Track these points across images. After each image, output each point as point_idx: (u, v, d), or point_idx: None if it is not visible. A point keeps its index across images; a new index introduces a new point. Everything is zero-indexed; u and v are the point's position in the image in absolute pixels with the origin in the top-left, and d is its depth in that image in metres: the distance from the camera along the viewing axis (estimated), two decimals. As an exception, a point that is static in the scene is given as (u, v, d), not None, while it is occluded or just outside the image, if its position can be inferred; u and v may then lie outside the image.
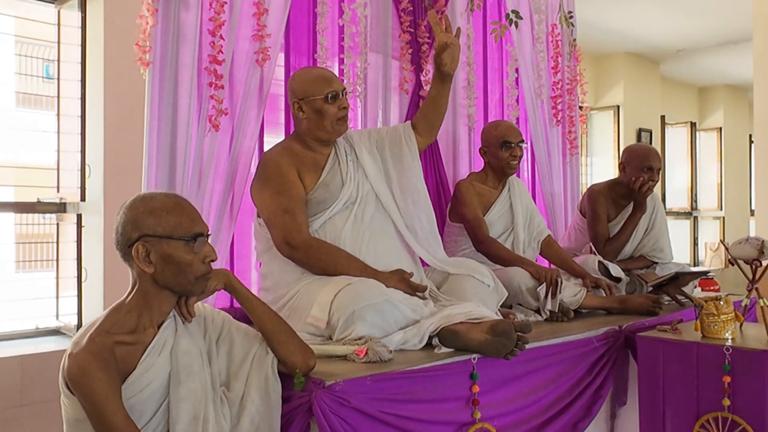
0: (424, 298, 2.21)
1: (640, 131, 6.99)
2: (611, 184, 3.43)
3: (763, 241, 2.31)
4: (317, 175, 2.32)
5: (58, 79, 3.10)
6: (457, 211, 3.01)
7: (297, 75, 2.41)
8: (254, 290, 2.53)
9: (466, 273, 2.39)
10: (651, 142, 7.09)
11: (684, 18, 5.89)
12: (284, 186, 2.24)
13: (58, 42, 3.09)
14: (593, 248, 3.30)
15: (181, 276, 1.57)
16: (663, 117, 7.56)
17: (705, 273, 3.12)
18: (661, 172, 3.30)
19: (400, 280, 2.20)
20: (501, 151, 3.00)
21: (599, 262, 3.05)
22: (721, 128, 8.60)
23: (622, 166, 3.33)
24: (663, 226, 3.42)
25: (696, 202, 8.34)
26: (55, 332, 3.05)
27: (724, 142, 8.60)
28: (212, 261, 1.63)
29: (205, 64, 2.39)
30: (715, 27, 6.15)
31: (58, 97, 3.09)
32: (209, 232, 1.66)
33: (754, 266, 2.33)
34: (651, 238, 3.39)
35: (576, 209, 3.60)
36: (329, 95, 2.30)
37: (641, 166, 3.24)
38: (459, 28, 2.52)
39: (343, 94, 2.34)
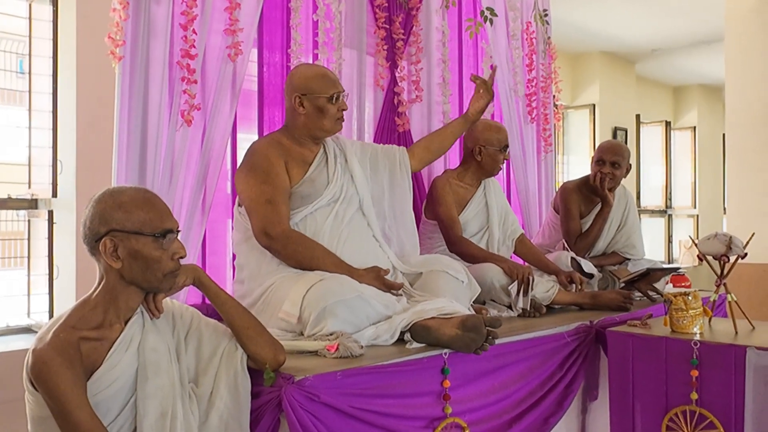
0: (398, 296, 2.22)
1: (615, 130, 7.06)
2: (583, 181, 3.47)
3: (730, 237, 2.34)
4: (304, 170, 2.33)
5: (30, 73, 3.05)
6: (432, 208, 3.02)
7: (299, 70, 2.41)
8: (228, 286, 2.52)
9: (440, 269, 2.40)
10: (626, 141, 7.16)
11: (659, 18, 5.95)
12: (270, 176, 2.24)
13: (30, 36, 3.05)
14: (566, 245, 3.33)
15: (149, 272, 1.55)
16: (638, 116, 7.64)
17: (676, 269, 3.17)
18: (625, 167, 3.35)
19: (375, 277, 2.20)
20: (500, 154, 3.05)
21: (572, 258, 3.08)
22: (695, 127, 8.71)
23: (591, 162, 3.41)
24: (635, 223, 3.47)
25: (670, 200, 8.44)
26: (27, 330, 3.01)
27: (698, 141, 8.71)
28: (181, 258, 1.61)
29: (177, 58, 2.38)
30: (689, 27, 6.23)
31: (30, 92, 3.04)
32: (179, 228, 1.64)
33: (722, 262, 2.37)
34: (623, 235, 3.44)
35: (550, 206, 3.63)
36: (334, 96, 2.33)
37: (596, 159, 3.35)
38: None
39: (343, 96, 2.38)
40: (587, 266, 3.10)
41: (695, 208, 8.72)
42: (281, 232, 2.18)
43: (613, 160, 3.31)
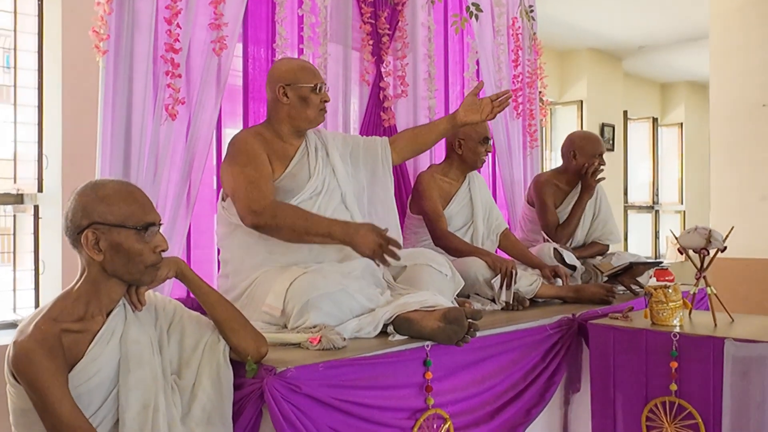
0: (396, 258, 2.15)
1: (603, 126, 7.09)
2: (555, 173, 3.56)
3: (710, 230, 2.36)
4: (285, 165, 2.33)
5: (15, 68, 3.04)
6: (418, 203, 3.04)
7: (283, 62, 2.43)
8: (214, 281, 2.53)
9: (424, 263, 2.42)
10: (614, 137, 7.22)
11: (645, 15, 5.99)
12: (252, 160, 2.22)
13: (15, 30, 3.04)
14: (546, 236, 3.39)
15: (131, 265, 1.56)
16: (626, 112, 7.68)
17: (659, 263, 3.19)
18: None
19: (371, 229, 2.15)
20: (480, 146, 3.06)
21: (554, 249, 3.11)
22: (682, 124, 8.76)
23: (573, 154, 3.44)
24: (608, 210, 3.58)
25: (657, 196, 8.50)
26: (12, 326, 3.00)
27: (685, 138, 8.76)
28: (163, 251, 1.62)
29: (162, 52, 2.38)
30: (675, 24, 6.27)
31: (15, 86, 3.03)
32: (161, 222, 1.65)
33: (702, 255, 2.39)
34: (600, 222, 3.53)
35: (523, 200, 3.68)
36: (317, 86, 2.34)
37: (594, 153, 3.40)
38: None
39: (324, 88, 2.39)
40: (569, 257, 3.13)
41: (682, 204, 8.78)
42: (267, 205, 2.14)
43: (602, 151, 3.43)
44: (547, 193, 3.45)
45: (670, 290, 2.30)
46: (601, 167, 3.40)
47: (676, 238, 2.43)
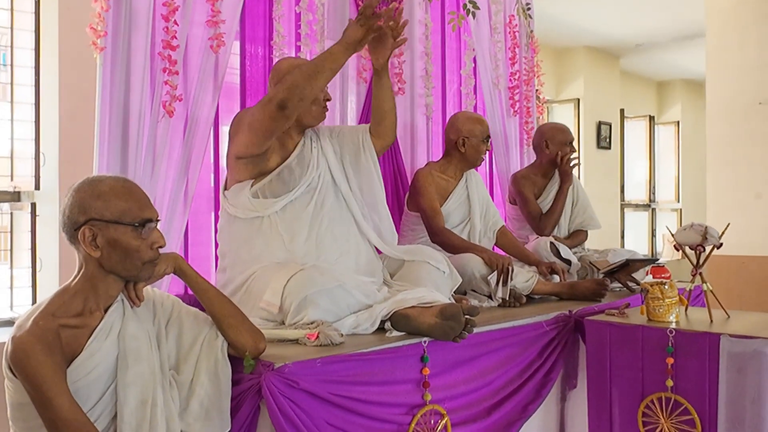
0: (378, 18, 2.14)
1: (599, 124, 7.10)
2: (531, 168, 3.65)
3: (706, 227, 2.37)
4: (282, 158, 2.33)
5: (12, 65, 3.04)
6: (415, 200, 3.05)
7: (288, 60, 2.45)
8: (212, 277, 2.53)
9: (422, 259, 2.43)
10: (611, 135, 7.23)
11: (642, 13, 6.00)
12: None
13: (11, 28, 3.04)
14: (532, 227, 3.46)
15: (128, 261, 1.56)
16: (622, 110, 7.69)
17: (655, 260, 3.20)
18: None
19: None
20: (483, 145, 3.09)
21: (551, 244, 3.14)
22: (678, 122, 8.78)
23: (545, 144, 3.53)
24: (586, 197, 3.68)
25: (654, 194, 8.51)
26: (10, 323, 3.00)
27: (681, 136, 8.78)
28: (160, 247, 1.62)
29: (159, 49, 2.38)
30: (671, 22, 6.28)
31: (12, 84, 3.03)
32: (158, 218, 1.65)
33: (698, 252, 2.40)
34: (580, 209, 3.62)
35: (506, 200, 3.73)
36: None
37: (564, 141, 3.51)
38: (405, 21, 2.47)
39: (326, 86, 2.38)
40: (565, 252, 3.15)
41: (678, 202, 8.80)
42: (274, 89, 2.16)
43: (572, 139, 3.54)
44: (526, 186, 3.53)
45: (666, 287, 2.31)
46: (573, 155, 3.50)
47: (672, 235, 2.44)
